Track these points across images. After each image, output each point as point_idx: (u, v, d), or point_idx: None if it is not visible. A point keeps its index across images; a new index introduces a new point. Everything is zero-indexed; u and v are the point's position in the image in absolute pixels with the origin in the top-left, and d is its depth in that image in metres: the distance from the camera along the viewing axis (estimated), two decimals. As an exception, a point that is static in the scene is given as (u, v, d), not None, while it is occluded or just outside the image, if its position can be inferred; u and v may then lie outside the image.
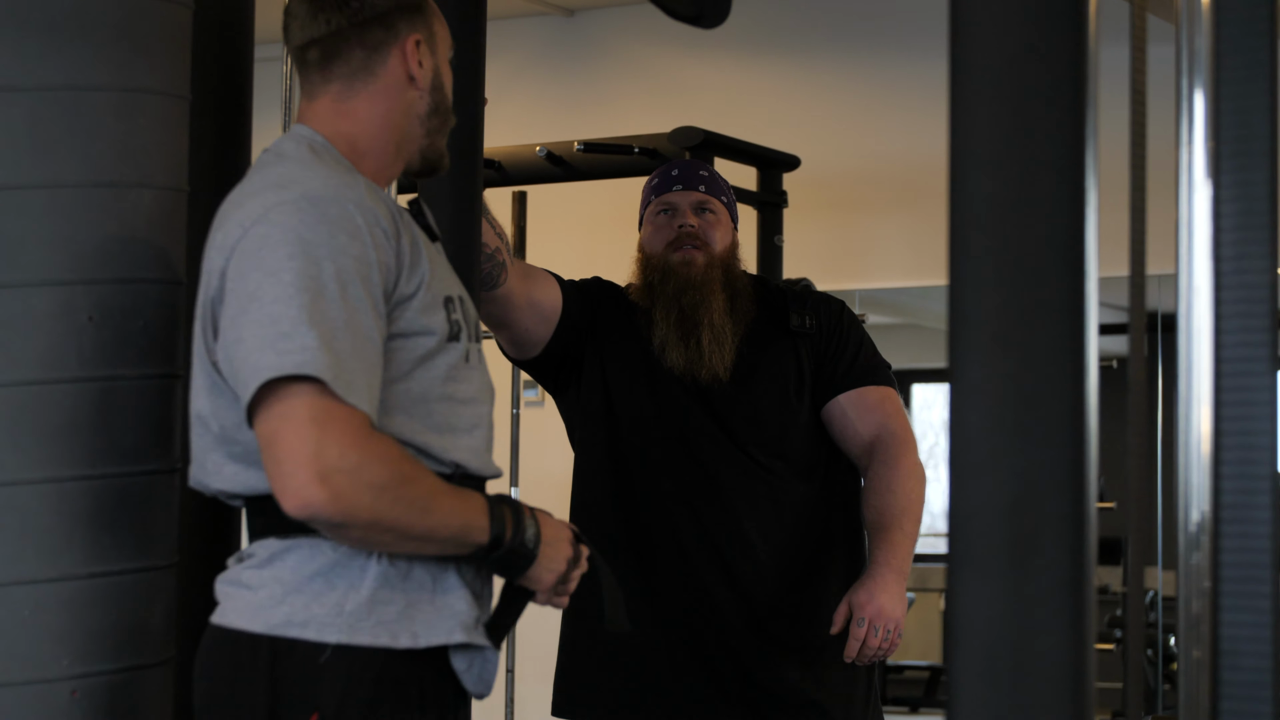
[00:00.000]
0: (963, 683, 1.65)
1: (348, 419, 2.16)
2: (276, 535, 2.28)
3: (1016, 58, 1.65)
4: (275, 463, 2.15)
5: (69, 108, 2.39)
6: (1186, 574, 1.88)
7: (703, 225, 3.63)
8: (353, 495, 2.14)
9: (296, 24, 2.41)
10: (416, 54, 2.41)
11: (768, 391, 3.58)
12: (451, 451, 2.34)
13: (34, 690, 2.32)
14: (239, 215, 2.25)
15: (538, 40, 7.35)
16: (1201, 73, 1.89)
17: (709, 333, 3.54)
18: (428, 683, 2.31)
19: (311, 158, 2.33)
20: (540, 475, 6.82)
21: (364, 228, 2.24)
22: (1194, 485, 1.88)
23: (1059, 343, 1.63)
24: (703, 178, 3.67)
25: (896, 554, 3.44)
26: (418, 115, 2.44)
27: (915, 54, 6.61)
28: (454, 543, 2.27)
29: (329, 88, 2.40)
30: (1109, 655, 6.68)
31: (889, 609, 3.40)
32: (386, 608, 2.26)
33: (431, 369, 2.33)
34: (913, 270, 6.47)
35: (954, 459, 1.67)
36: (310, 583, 2.25)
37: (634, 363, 3.60)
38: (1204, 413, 1.87)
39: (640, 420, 3.58)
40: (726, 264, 3.64)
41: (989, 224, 1.65)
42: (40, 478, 2.34)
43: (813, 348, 3.63)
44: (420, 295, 2.31)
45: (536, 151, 5.44)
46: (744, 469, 3.53)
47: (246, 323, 2.17)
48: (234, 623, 2.28)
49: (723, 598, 3.48)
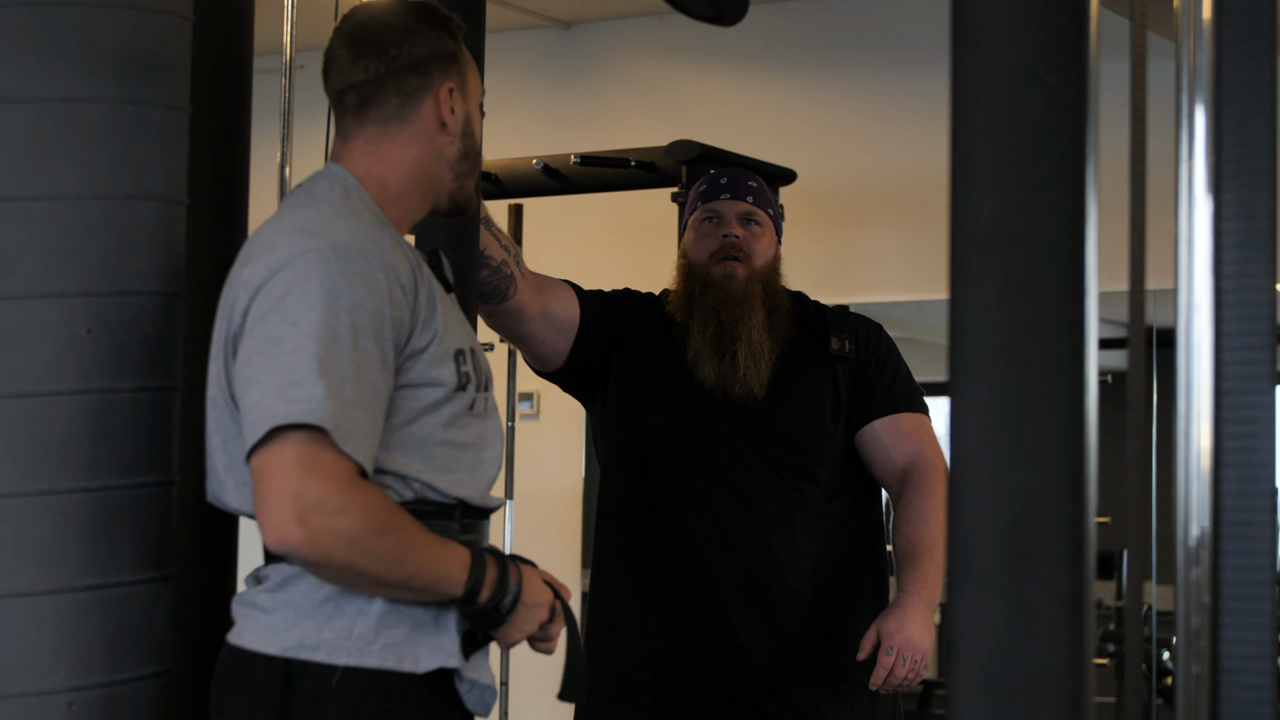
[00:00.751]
0: (962, 698, 1.65)
1: (334, 465, 2.22)
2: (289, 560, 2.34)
3: (1017, 74, 1.65)
4: (260, 499, 2.22)
5: (68, 120, 2.39)
6: (1186, 589, 1.88)
7: (747, 237, 3.59)
8: (328, 539, 2.21)
9: (335, 69, 2.48)
10: (449, 101, 2.49)
11: (803, 413, 3.54)
12: (454, 489, 2.41)
13: (31, 702, 2.32)
14: (268, 260, 2.31)
15: (535, 53, 7.35)
16: (1202, 89, 1.89)
17: (746, 349, 3.51)
18: (434, 702, 2.38)
19: (343, 202, 2.39)
20: (536, 489, 6.82)
21: (383, 283, 2.30)
22: (1194, 501, 1.87)
23: (1059, 358, 1.63)
24: (751, 188, 3.64)
25: (927, 584, 3.41)
26: (448, 160, 2.52)
27: (912, 68, 6.61)
28: (429, 593, 2.34)
29: (364, 131, 2.47)
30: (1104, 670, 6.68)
31: (917, 639, 3.36)
32: (394, 631, 2.33)
33: (435, 416, 2.39)
34: (909, 285, 6.47)
35: (953, 474, 1.67)
36: (321, 607, 2.33)
37: (666, 375, 3.56)
38: (1204, 428, 1.87)
39: (669, 435, 3.55)
40: (768, 279, 3.59)
41: (990, 239, 1.65)
42: (38, 489, 2.34)
43: (850, 372, 3.59)
44: (431, 349, 2.38)
45: (533, 164, 5.44)
46: (774, 490, 3.49)
47: (263, 366, 2.24)
48: (250, 644, 2.35)
49: (746, 620, 3.45)
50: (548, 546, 6.86)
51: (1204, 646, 1.85)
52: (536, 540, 6.80)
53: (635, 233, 6.59)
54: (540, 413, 7.05)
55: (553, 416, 7.05)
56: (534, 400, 7.01)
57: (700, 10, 3.28)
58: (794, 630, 3.46)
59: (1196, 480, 1.87)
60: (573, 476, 7.00)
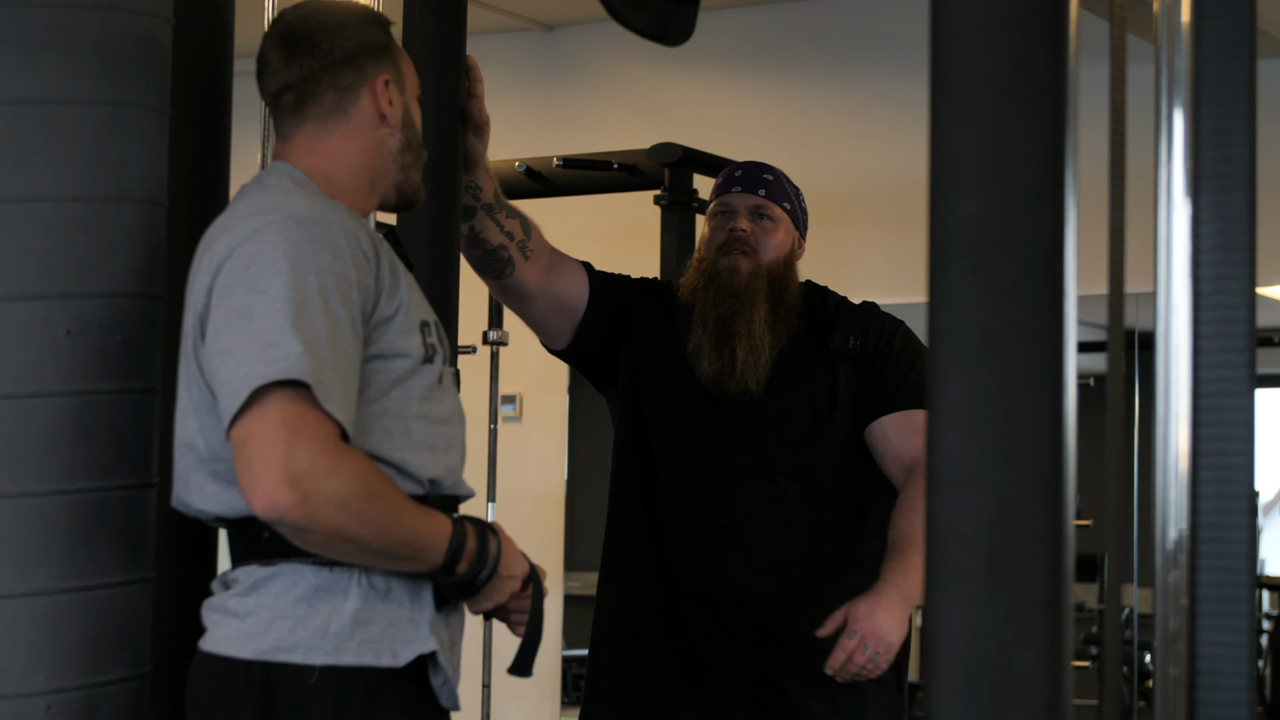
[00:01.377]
0: (940, 700, 1.65)
1: (319, 425, 2.21)
2: (259, 561, 2.34)
3: (997, 76, 1.65)
4: (246, 464, 2.20)
5: (48, 121, 2.39)
6: (1164, 592, 1.88)
7: (756, 231, 3.56)
8: (319, 501, 2.19)
9: (269, 72, 2.49)
10: (386, 93, 2.50)
11: (797, 411, 3.50)
12: (428, 469, 2.40)
13: (9, 705, 2.32)
14: (227, 239, 2.31)
15: (517, 56, 7.35)
16: (1181, 92, 1.90)
17: (745, 344, 3.47)
18: (414, 696, 2.38)
19: (293, 188, 2.40)
20: (518, 491, 6.81)
21: (346, 248, 2.30)
22: (1171, 503, 1.88)
23: (1038, 360, 1.63)
24: (765, 181, 3.61)
25: (909, 576, 3.30)
26: (390, 152, 2.52)
27: (895, 71, 6.62)
28: (411, 561, 2.34)
29: (303, 129, 2.48)
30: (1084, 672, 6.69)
31: (884, 630, 3.24)
32: (369, 627, 2.33)
33: (408, 390, 2.39)
34: (891, 287, 6.47)
35: (932, 476, 1.67)
36: (295, 608, 2.32)
37: (669, 367, 3.55)
38: (1182, 431, 1.88)
39: (667, 429, 3.54)
40: (776, 273, 3.55)
41: (969, 242, 1.65)
42: (17, 492, 2.34)
43: (855, 368, 3.53)
44: (399, 318, 2.38)
45: (516, 167, 5.44)
46: (759, 489, 3.47)
47: (235, 337, 2.23)
48: (224, 650, 2.34)
49: (732, 619, 3.44)
50: (530, 549, 6.80)
51: (1182, 649, 1.86)
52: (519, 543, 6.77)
53: (618, 235, 6.59)
54: (523, 415, 7.05)
55: (535, 419, 7.05)
56: (517, 402, 7.01)
57: (645, 28, 3.28)
58: (779, 631, 3.44)
59: (1175, 483, 1.88)
60: (555, 479, 7.00)
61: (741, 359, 3.47)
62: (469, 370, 3.69)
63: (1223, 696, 1.83)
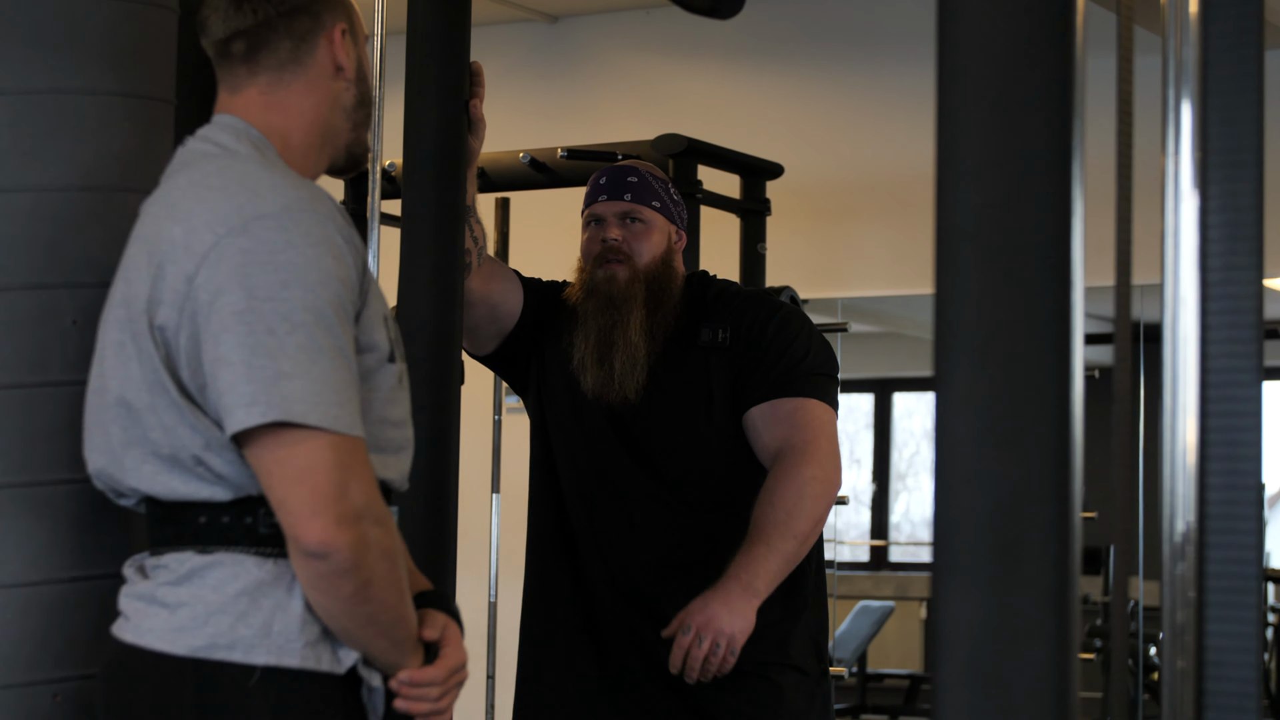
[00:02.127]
0: (947, 691, 1.65)
1: (368, 471, 2.16)
2: (193, 547, 2.21)
3: (1004, 67, 1.65)
4: (296, 495, 2.12)
5: (53, 112, 2.39)
6: (1171, 584, 1.88)
7: (628, 237, 3.55)
8: (365, 547, 2.13)
9: (217, 16, 2.34)
10: (343, 43, 2.37)
11: (674, 413, 3.50)
12: (380, 471, 2.29)
13: (17, 694, 2.32)
14: (204, 214, 2.19)
15: (522, 47, 7.35)
16: (1188, 83, 1.89)
17: (623, 354, 3.47)
18: (352, 706, 2.26)
19: (260, 158, 2.28)
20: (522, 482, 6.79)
21: (343, 246, 2.21)
22: (1179, 496, 1.88)
23: (1044, 352, 1.63)
24: (630, 184, 3.58)
25: (751, 568, 3.27)
26: (344, 107, 2.39)
27: (900, 62, 6.62)
28: (397, 649, 2.25)
29: (256, 80, 2.34)
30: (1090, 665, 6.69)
31: (721, 621, 3.23)
32: (314, 627, 2.20)
33: (374, 389, 2.28)
34: (895, 279, 6.47)
35: (939, 468, 1.67)
36: (235, 602, 2.19)
37: (563, 375, 3.57)
38: (1189, 423, 1.87)
39: (564, 440, 3.58)
40: (653, 274, 3.54)
41: (975, 233, 1.65)
42: (23, 481, 2.34)
43: (727, 360, 3.50)
44: (370, 306, 2.28)
45: (520, 157, 5.44)
46: (649, 494, 3.47)
47: (235, 345, 2.13)
48: (152, 644, 2.20)
49: (636, 615, 3.45)
50: (534, 540, 6.86)
51: (1189, 641, 1.86)
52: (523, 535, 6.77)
53: (622, 226, 6.59)
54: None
55: (539, 410, 7.05)
56: (520, 394, 7.00)
57: (697, 3, 3.28)
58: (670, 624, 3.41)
59: (1182, 475, 1.87)
60: (559, 470, 6.99)
61: (619, 370, 3.47)
62: (473, 362, 3.69)
63: (1230, 688, 1.83)
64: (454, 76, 3.19)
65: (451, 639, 2.34)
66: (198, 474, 2.20)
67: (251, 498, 2.20)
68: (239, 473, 2.19)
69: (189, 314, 2.17)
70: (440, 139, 3.16)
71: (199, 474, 2.20)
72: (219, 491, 2.20)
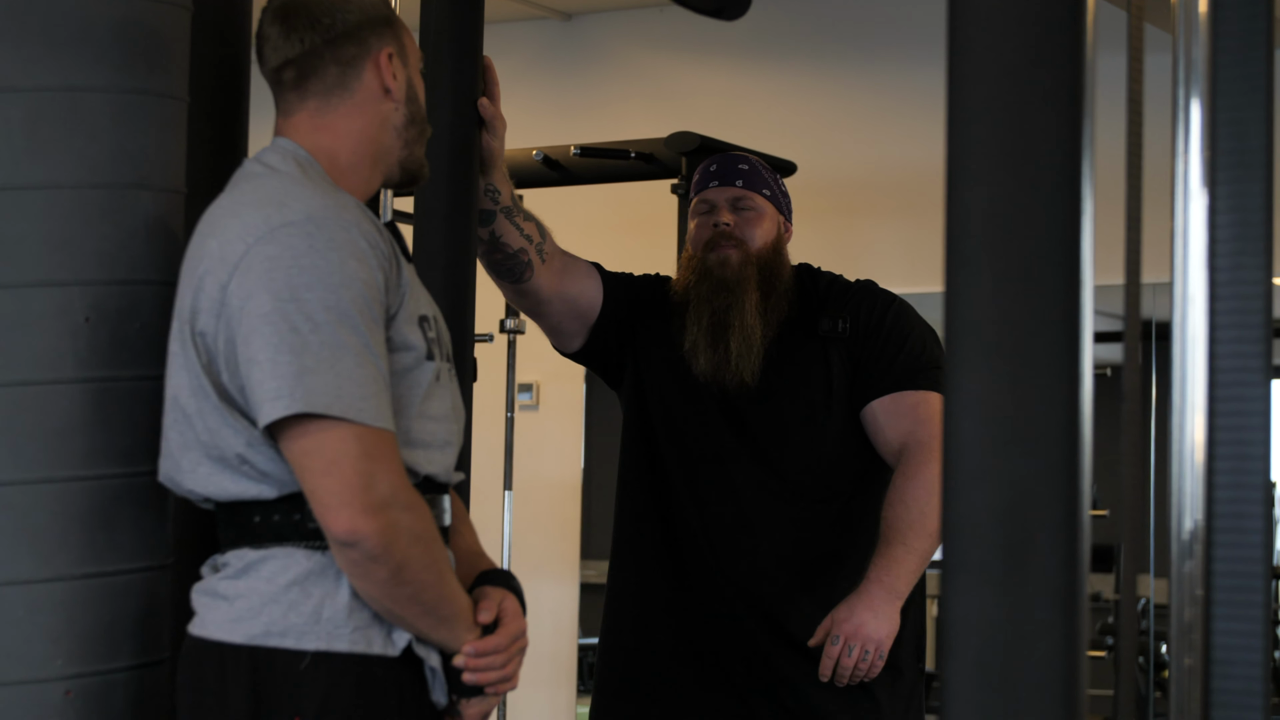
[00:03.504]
0: (956, 689, 1.65)
1: (396, 459, 2.26)
2: (250, 545, 2.33)
3: (1014, 66, 1.65)
4: (325, 485, 2.22)
5: (67, 109, 2.39)
6: (1179, 582, 1.88)
7: (739, 222, 3.55)
8: (395, 532, 2.23)
9: (269, 46, 2.45)
10: (390, 67, 2.46)
11: (792, 403, 3.48)
12: (424, 467, 2.40)
13: (29, 690, 2.32)
14: (237, 227, 2.30)
15: (535, 44, 7.35)
16: (1198, 82, 1.89)
17: (738, 336, 3.45)
18: (406, 687, 2.34)
19: (300, 175, 2.37)
20: (534, 479, 6.82)
21: (368, 250, 2.29)
22: (1187, 494, 1.88)
23: (1054, 350, 1.63)
24: (741, 172, 3.59)
25: (892, 570, 3.29)
26: (394, 127, 2.49)
27: (913, 60, 6.61)
28: (446, 626, 2.34)
29: (306, 105, 2.44)
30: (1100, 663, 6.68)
31: (869, 628, 3.25)
32: (363, 613, 2.31)
33: (413, 386, 2.37)
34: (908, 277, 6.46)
35: (948, 465, 1.67)
36: (287, 592, 2.30)
37: (670, 364, 3.54)
38: (1198, 421, 1.88)
39: (672, 429, 3.53)
40: (765, 260, 3.53)
41: (985, 232, 1.65)
42: (36, 478, 2.34)
43: (847, 352, 3.49)
44: (404, 309, 2.36)
45: (533, 155, 5.44)
46: (761, 481, 3.45)
47: (262, 345, 2.23)
48: (213, 634, 2.32)
49: (742, 609, 3.43)
50: (547, 538, 6.87)
51: (1197, 639, 1.86)
52: (535, 532, 6.80)
53: (635, 224, 6.59)
54: (540, 403, 7.05)
55: (552, 407, 7.05)
56: (534, 391, 7.01)
57: (702, 5, 3.28)
58: (786, 625, 3.42)
59: (1190, 473, 1.88)
60: (572, 468, 7.00)
61: (735, 351, 3.45)
62: (486, 359, 3.70)
63: (1238, 686, 1.83)
64: (467, 74, 3.19)
65: (510, 610, 2.43)
66: (244, 472, 2.31)
67: (298, 494, 2.30)
68: (282, 469, 2.30)
69: (225, 320, 2.28)
70: (454, 136, 3.16)
71: (245, 472, 2.31)
72: (266, 489, 2.31)
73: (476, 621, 2.38)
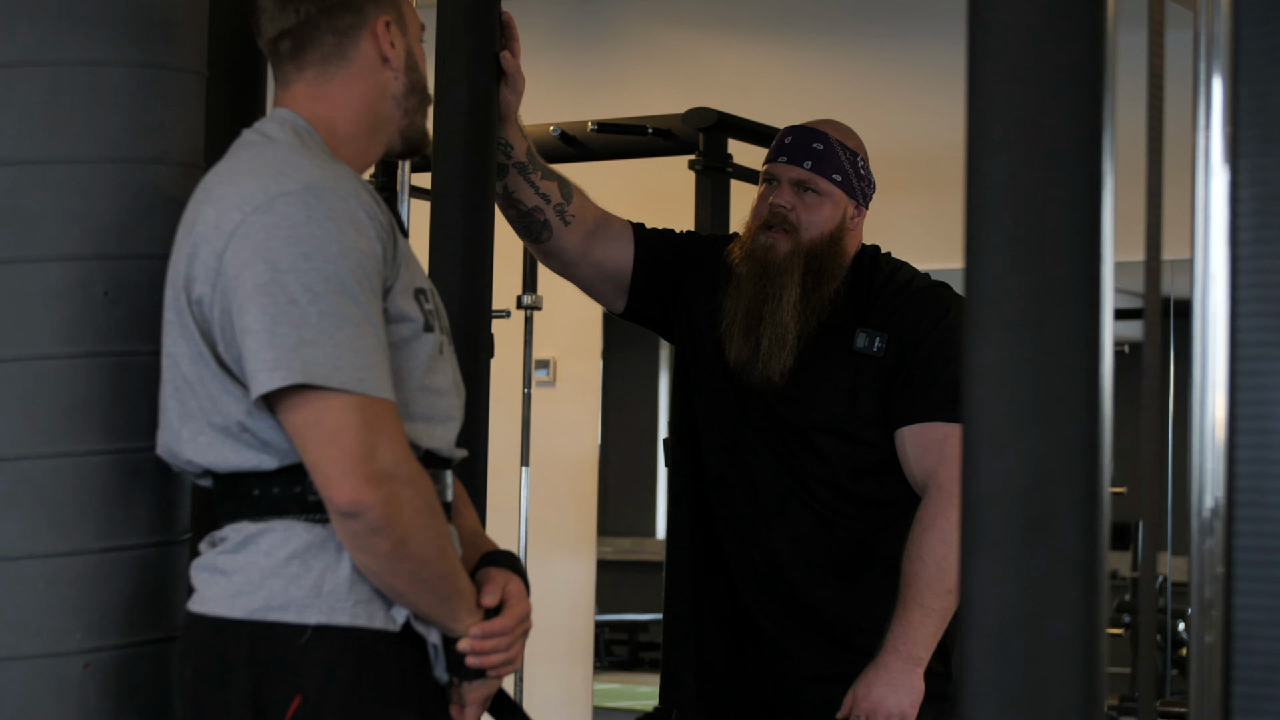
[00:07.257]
0: (974, 665, 1.65)
1: (398, 430, 2.23)
2: (249, 518, 2.30)
3: (1035, 42, 1.65)
4: (327, 456, 2.20)
5: (86, 83, 2.39)
6: (1200, 559, 1.88)
7: (798, 206, 3.40)
8: (397, 503, 2.20)
9: (265, 18, 2.44)
10: (387, 35, 2.44)
11: (816, 411, 3.38)
12: (425, 440, 2.37)
13: (48, 664, 2.33)
14: (234, 195, 2.27)
15: (552, 20, 7.34)
16: (1220, 58, 1.89)
17: (771, 331, 3.34)
18: (409, 664, 2.32)
19: (298, 144, 2.35)
20: (551, 456, 6.82)
21: (365, 221, 2.27)
22: (1208, 471, 1.87)
23: (1075, 327, 1.63)
24: (814, 151, 3.44)
25: (909, 637, 3.21)
26: (393, 96, 2.47)
27: (932, 36, 6.59)
28: (446, 604, 2.31)
29: (304, 75, 2.43)
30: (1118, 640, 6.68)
31: (888, 703, 3.19)
32: (364, 587, 2.28)
33: (412, 358, 2.35)
34: (928, 253, 6.45)
35: (969, 442, 1.67)
36: (287, 565, 2.27)
37: (708, 345, 3.47)
38: (1219, 398, 1.87)
39: (707, 408, 3.48)
40: (816, 252, 3.37)
41: (1006, 208, 1.65)
42: (55, 452, 2.35)
43: (880, 371, 3.35)
44: (401, 280, 2.34)
45: (550, 131, 5.44)
46: (779, 480, 3.39)
47: (259, 315, 2.20)
48: (213, 610, 2.29)
49: (762, 607, 3.41)
50: (563, 515, 6.87)
51: (1217, 616, 1.86)
52: (552, 508, 6.80)
53: (652, 200, 6.58)
54: (556, 380, 7.05)
55: (569, 384, 7.06)
56: (550, 367, 7.01)
57: None
58: (808, 623, 3.39)
59: (1211, 450, 1.87)
60: (589, 444, 7.01)
61: (765, 348, 3.35)
62: (503, 335, 3.69)
63: (1259, 662, 1.83)
64: (484, 49, 3.19)
65: (514, 592, 2.41)
66: (245, 441, 2.28)
67: (297, 466, 2.27)
68: (282, 438, 2.27)
69: (220, 289, 2.26)
70: (470, 113, 3.16)
71: (246, 441, 2.28)
72: (266, 459, 2.28)
73: (481, 605, 2.36)
